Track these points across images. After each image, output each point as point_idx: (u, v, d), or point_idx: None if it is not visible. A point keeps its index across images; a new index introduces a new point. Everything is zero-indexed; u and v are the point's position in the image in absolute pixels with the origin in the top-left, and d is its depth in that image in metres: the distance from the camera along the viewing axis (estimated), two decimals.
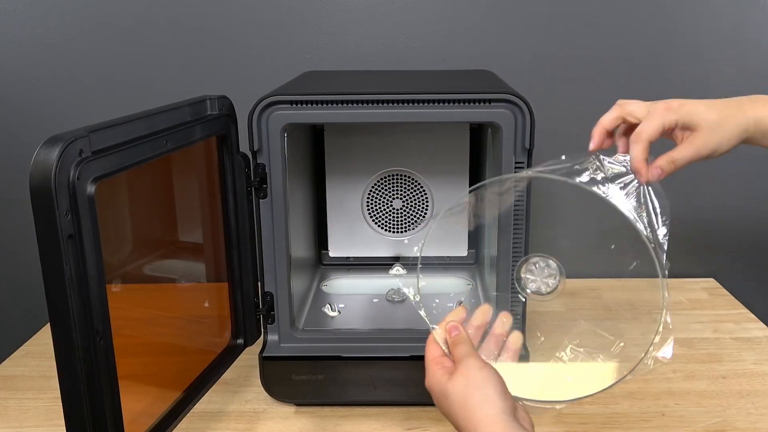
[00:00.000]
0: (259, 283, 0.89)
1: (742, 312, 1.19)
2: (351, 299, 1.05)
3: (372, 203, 1.13)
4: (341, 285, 1.11)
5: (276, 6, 1.21)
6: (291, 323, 0.89)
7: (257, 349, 0.90)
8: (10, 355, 1.07)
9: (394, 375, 0.89)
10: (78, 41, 1.22)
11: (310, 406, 0.92)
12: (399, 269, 1.13)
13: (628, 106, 0.72)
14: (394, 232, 1.14)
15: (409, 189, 1.12)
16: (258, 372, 0.90)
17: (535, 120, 0.81)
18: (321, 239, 1.16)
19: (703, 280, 1.32)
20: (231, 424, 0.89)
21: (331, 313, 0.99)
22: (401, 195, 1.12)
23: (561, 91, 1.24)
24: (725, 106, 0.71)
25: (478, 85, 0.96)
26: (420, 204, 1.12)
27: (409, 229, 1.14)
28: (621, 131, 0.73)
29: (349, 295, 1.06)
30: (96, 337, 0.60)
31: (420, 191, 1.12)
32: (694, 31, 1.22)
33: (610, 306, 1.11)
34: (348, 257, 1.16)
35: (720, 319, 1.16)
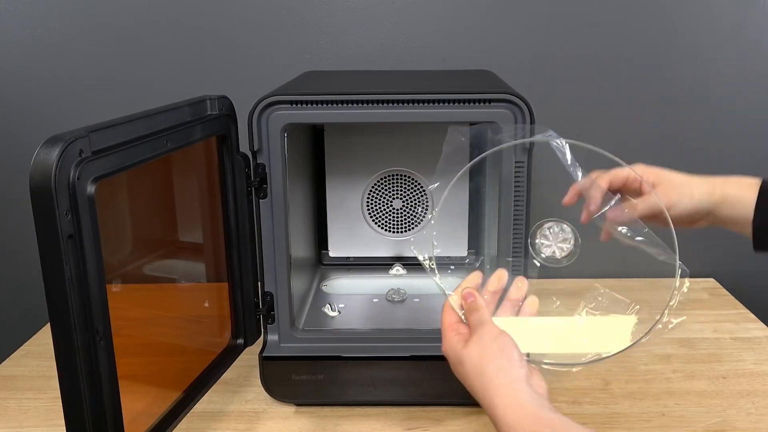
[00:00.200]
0: (259, 283, 0.89)
1: (742, 312, 1.19)
2: (351, 299, 1.05)
3: (372, 203, 1.13)
4: (341, 285, 1.11)
5: (276, 6, 1.21)
6: (291, 323, 0.89)
7: (257, 349, 0.90)
8: (10, 355, 1.07)
9: (394, 375, 0.89)
10: (78, 41, 1.22)
11: (310, 406, 0.92)
12: (399, 269, 1.13)
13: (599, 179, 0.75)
14: (394, 232, 1.14)
15: (409, 189, 1.12)
16: (258, 372, 0.90)
17: (535, 120, 0.81)
18: (321, 239, 1.16)
19: (703, 280, 1.32)
20: (231, 424, 0.89)
21: (331, 313, 0.99)
22: (401, 195, 1.12)
23: (561, 91, 1.24)
24: (695, 176, 0.75)
25: (478, 85, 0.96)
26: (420, 204, 1.12)
27: (409, 229, 1.14)
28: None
29: (349, 295, 1.06)
30: (96, 337, 0.60)
31: (420, 191, 1.12)
32: (694, 31, 1.22)
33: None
34: (348, 257, 1.16)
35: (720, 319, 1.16)
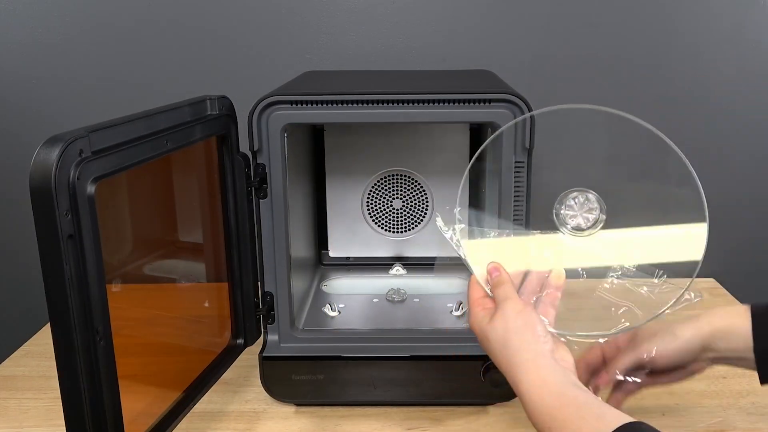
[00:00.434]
0: (259, 283, 0.89)
1: None
2: (351, 299, 1.05)
3: (372, 203, 1.13)
4: (341, 285, 1.11)
5: (276, 6, 1.21)
6: (291, 323, 0.89)
7: (257, 349, 0.90)
8: (10, 355, 1.07)
9: (394, 375, 0.89)
10: (78, 41, 1.22)
11: (310, 406, 0.92)
12: (399, 269, 1.13)
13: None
14: (394, 232, 1.14)
15: (409, 189, 1.12)
16: (258, 372, 0.90)
17: (535, 120, 0.81)
18: (321, 239, 1.16)
19: (703, 280, 1.31)
20: (231, 424, 0.89)
21: (331, 313, 0.99)
22: (401, 195, 1.12)
23: (561, 91, 1.24)
24: (679, 322, 0.74)
25: (477, 85, 0.96)
26: (420, 204, 1.12)
27: (409, 229, 1.14)
28: None
29: (349, 295, 1.06)
30: (96, 337, 0.60)
31: (420, 191, 1.12)
32: (694, 31, 1.22)
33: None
34: (348, 257, 1.16)
35: None
